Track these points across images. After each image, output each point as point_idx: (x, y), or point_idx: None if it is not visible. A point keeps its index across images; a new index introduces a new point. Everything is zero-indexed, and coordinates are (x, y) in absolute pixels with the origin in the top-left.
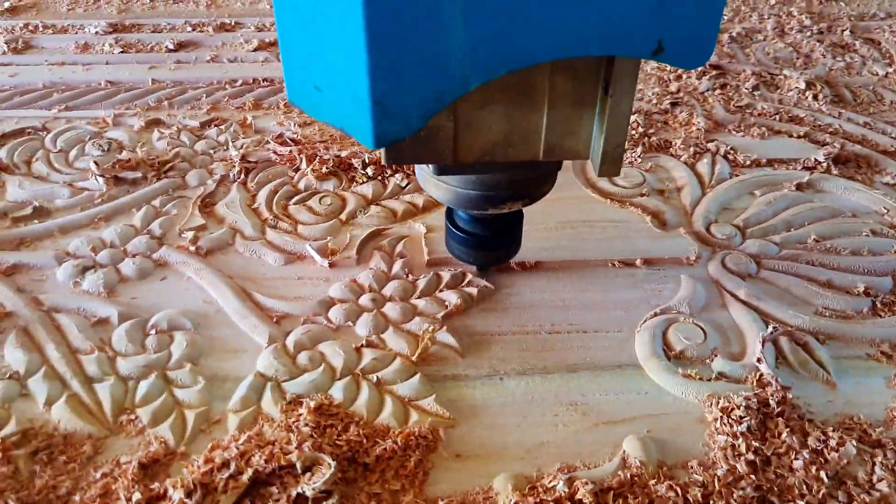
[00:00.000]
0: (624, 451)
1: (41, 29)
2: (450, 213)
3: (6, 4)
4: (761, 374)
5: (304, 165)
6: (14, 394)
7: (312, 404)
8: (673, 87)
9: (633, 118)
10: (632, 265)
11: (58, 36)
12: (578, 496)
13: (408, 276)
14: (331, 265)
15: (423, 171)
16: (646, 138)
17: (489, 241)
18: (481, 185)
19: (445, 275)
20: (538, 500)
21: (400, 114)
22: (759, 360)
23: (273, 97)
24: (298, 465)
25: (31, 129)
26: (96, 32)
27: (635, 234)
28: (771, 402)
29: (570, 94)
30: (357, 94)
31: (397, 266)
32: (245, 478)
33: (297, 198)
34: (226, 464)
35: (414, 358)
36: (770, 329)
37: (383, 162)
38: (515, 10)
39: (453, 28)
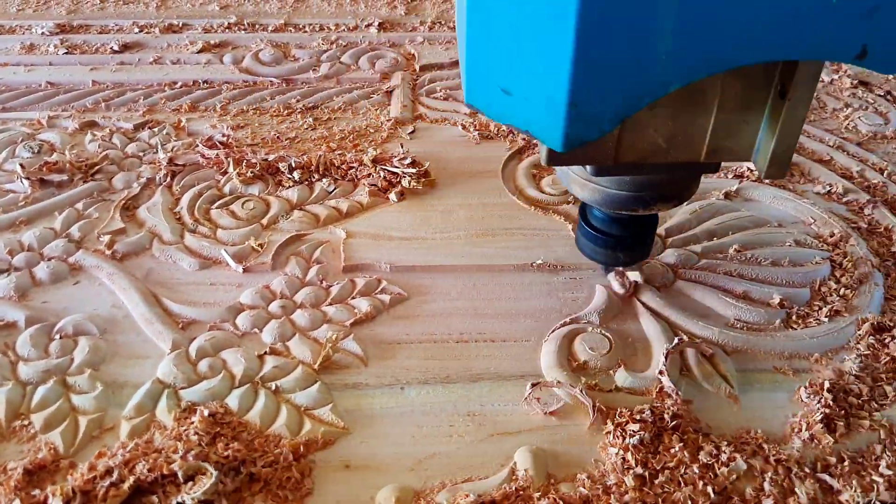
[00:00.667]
0: (514, 463)
1: None
2: (584, 213)
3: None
4: (662, 387)
5: (230, 169)
6: None
7: (206, 412)
8: None
9: None
10: (549, 273)
11: (4, 37)
12: None
13: (322, 283)
14: (245, 270)
15: (571, 172)
16: None
17: (626, 242)
18: (633, 186)
19: (360, 281)
20: None
21: (594, 116)
22: (660, 373)
23: (211, 99)
24: (180, 474)
25: None
26: (43, 33)
27: (556, 242)
28: (666, 415)
29: (740, 97)
30: (552, 96)
31: (312, 272)
32: (126, 486)
33: (220, 202)
34: (109, 471)
35: (315, 366)
36: (675, 341)
37: (543, 163)
38: (728, 12)
39: (663, 30)
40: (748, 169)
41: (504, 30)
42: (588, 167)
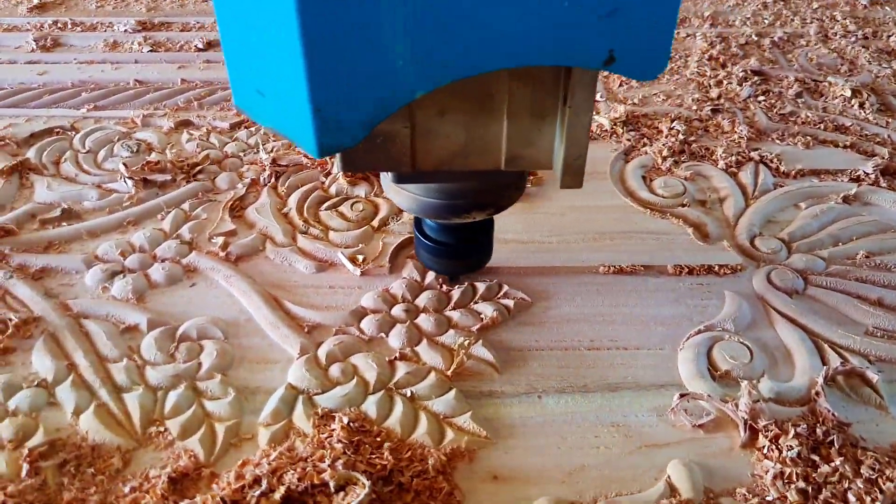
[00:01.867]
0: (668, 477)
1: (70, 26)
2: (418, 222)
3: (35, 1)
4: (813, 397)
5: (335, 170)
6: (42, 402)
7: (346, 420)
8: (713, 92)
9: (673, 125)
10: (673, 279)
11: (87, 34)
12: None
13: (441, 287)
14: (362, 273)
15: (387, 178)
16: (686, 146)
17: (459, 251)
18: (444, 194)
19: (480, 286)
20: None
21: (342, 122)
22: (816, 395)
23: None
24: (332, 485)
25: (59, 128)
26: (125, 30)
27: (676, 246)
28: (818, 430)
29: (529, 104)
30: (298, 101)
31: (430, 276)
32: (277, 496)
33: (328, 203)
34: (257, 480)
35: (449, 373)
36: (836, 366)
37: (336, 169)
38: (459, 17)
39: (394, 35)
40: (863, 172)
41: (248, 31)
42: (390, 174)
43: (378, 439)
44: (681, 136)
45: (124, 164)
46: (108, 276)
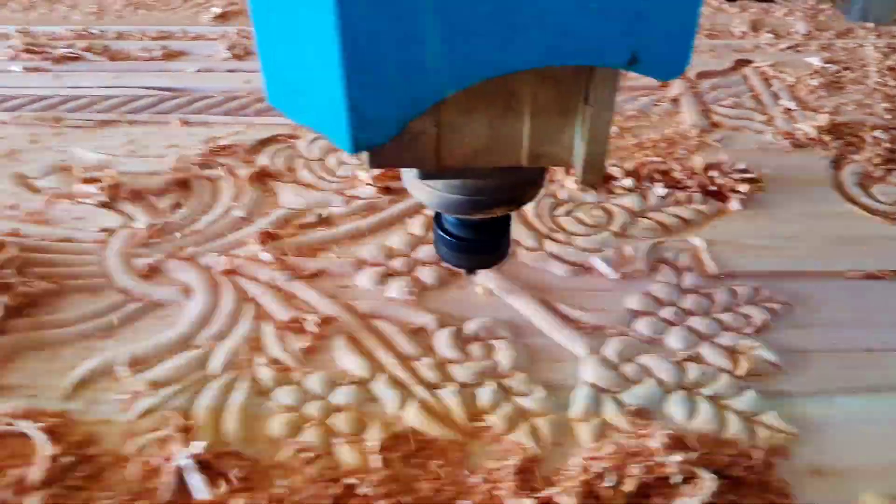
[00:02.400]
0: None
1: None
2: (438, 218)
3: (215, 11)
4: None
5: (564, 175)
6: (362, 398)
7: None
8: None
9: (876, 133)
10: None
11: None
12: None
13: (700, 290)
14: (621, 277)
15: (409, 175)
16: (894, 154)
17: (479, 246)
18: (468, 190)
19: (740, 289)
20: None
21: (376, 119)
22: None
23: None
24: (677, 479)
25: (282, 135)
26: None
27: None
28: None
29: (553, 102)
30: (334, 99)
31: (687, 279)
32: (631, 487)
33: (562, 209)
34: (602, 474)
35: (740, 373)
36: None
37: (366, 165)
38: (491, 18)
39: (429, 35)
40: None
41: (284, 30)
42: (415, 171)
43: (696, 436)
44: (885, 145)
45: (365, 171)
46: (381, 278)
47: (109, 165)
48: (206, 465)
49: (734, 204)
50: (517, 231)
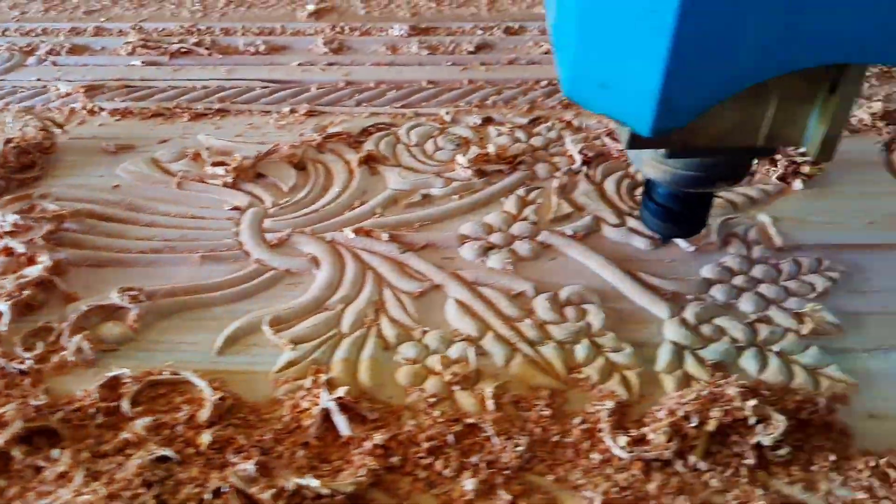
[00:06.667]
0: None
1: (347, 31)
2: (648, 190)
3: (310, 8)
4: None
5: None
6: (474, 353)
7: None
8: None
9: None
10: None
11: (363, 38)
12: None
13: (768, 261)
14: (696, 250)
15: (643, 154)
16: None
17: (687, 216)
18: (699, 168)
19: (804, 260)
20: None
21: (681, 108)
22: None
23: None
24: (752, 420)
25: (383, 124)
26: (400, 35)
27: None
28: None
29: (800, 91)
30: (646, 90)
31: (756, 251)
32: (712, 426)
33: (642, 188)
34: (687, 416)
35: (805, 332)
36: None
37: (623, 147)
38: (823, 11)
39: (753, 30)
40: None
41: (606, 30)
42: (661, 150)
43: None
44: None
45: (463, 155)
46: (482, 251)
47: (232, 151)
48: (346, 408)
49: (796, 184)
50: (601, 209)
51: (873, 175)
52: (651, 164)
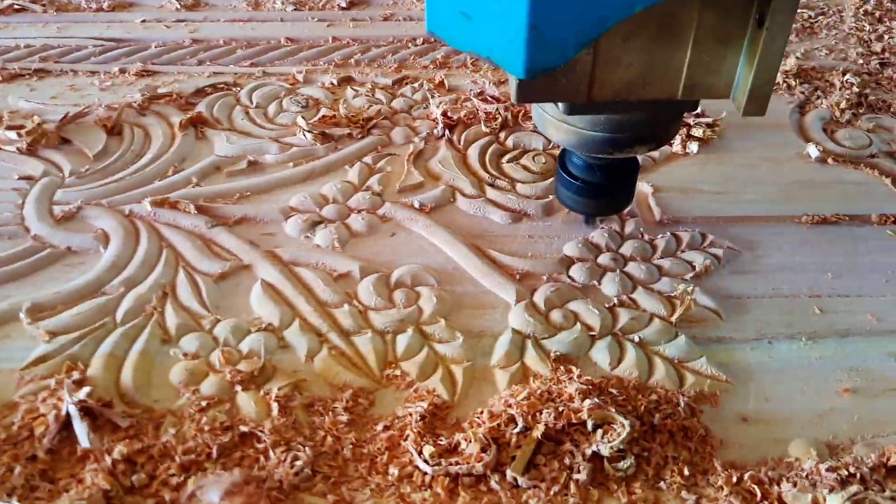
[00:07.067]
0: None
1: None
2: (562, 158)
3: None
4: None
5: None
6: (273, 345)
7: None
8: (876, 47)
9: (846, 77)
10: (879, 228)
11: None
12: (892, 463)
13: (643, 236)
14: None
15: (544, 112)
16: (863, 98)
17: (604, 190)
18: (608, 127)
19: (684, 235)
20: (845, 465)
21: (556, 40)
22: None
23: (460, 55)
24: (590, 424)
25: (223, 84)
26: None
27: (875, 197)
28: None
29: (717, 28)
30: (511, 18)
31: (630, 225)
32: (536, 433)
33: (508, 156)
34: (512, 419)
35: (673, 319)
36: None
37: (513, 100)
38: None
39: None
40: None
41: None
42: (561, 106)
43: (618, 381)
44: (855, 89)
45: (303, 118)
46: (309, 226)
47: (42, 114)
48: (91, 413)
49: (691, 147)
50: (458, 178)
51: (780, 138)
52: (554, 125)
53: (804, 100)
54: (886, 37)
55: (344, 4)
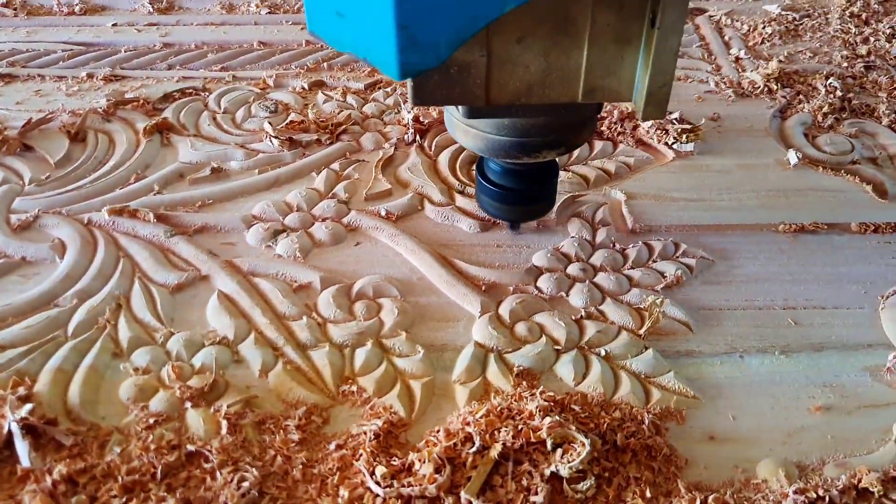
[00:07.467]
0: (895, 438)
1: None
2: (480, 165)
3: None
4: None
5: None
6: (227, 360)
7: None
8: (862, 49)
9: (829, 81)
10: (858, 237)
11: None
12: (863, 485)
13: (614, 246)
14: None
15: (453, 116)
16: (846, 103)
17: (523, 196)
18: (515, 131)
19: (657, 245)
20: (814, 487)
21: (427, 40)
22: None
23: None
24: (549, 443)
25: (192, 89)
26: None
27: (855, 204)
28: None
29: (613, 28)
30: (381, 18)
31: (601, 234)
32: (494, 453)
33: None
34: (469, 438)
35: (642, 332)
36: None
37: (410, 103)
38: None
39: None
40: None
41: None
42: (461, 109)
43: (583, 398)
44: (839, 94)
45: (270, 123)
46: (271, 235)
47: (6, 120)
48: (34, 431)
49: (668, 154)
50: (427, 186)
51: (759, 144)
52: (462, 129)
53: (785, 104)
54: (872, 39)
55: None
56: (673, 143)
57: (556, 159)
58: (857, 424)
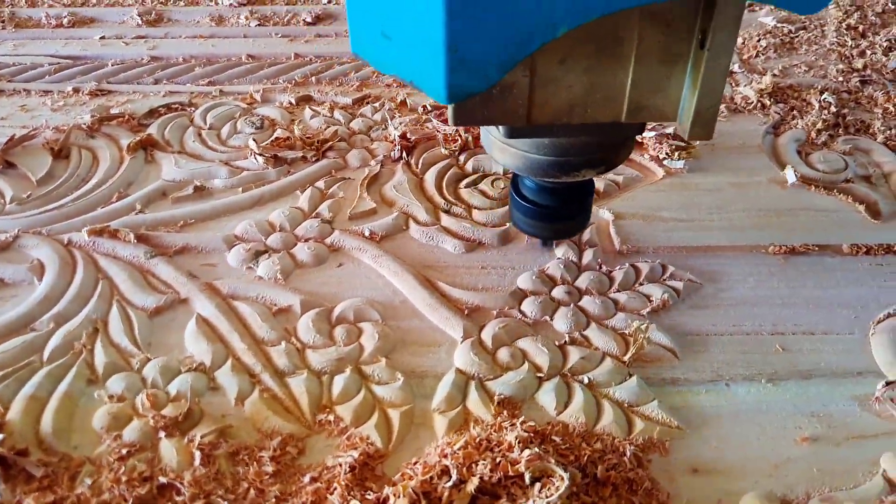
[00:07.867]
0: (884, 471)
1: (172, 1)
2: (515, 182)
3: None
4: None
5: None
6: (203, 387)
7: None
8: (858, 63)
9: (824, 96)
10: (850, 259)
11: (190, 8)
12: None
13: (601, 268)
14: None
15: (490, 135)
16: (840, 119)
17: (559, 213)
18: (554, 150)
19: (644, 266)
20: None
21: (477, 63)
22: None
23: None
24: (527, 477)
25: (178, 104)
26: (230, 4)
27: (848, 225)
28: None
29: (660, 47)
30: (429, 40)
31: (588, 255)
32: (470, 488)
33: (466, 181)
34: (446, 471)
35: (626, 359)
36: None
37: (450, 123)
38: None
39: None
40: None
41: None
42: (501, 129)
43: (565, 429)
44: (833, 109)
45: (254, 140)
46: (252, 256)
47: None
48: (5, 462)
49: (658, 172)
50: (412, 205)
51: (751, 162)
52: (500, 147)
53: (778, 120)
54: (869, 52)
55: (309, 19)
56: (664, 160)
57: (594, 180)
58: (844, 456)
